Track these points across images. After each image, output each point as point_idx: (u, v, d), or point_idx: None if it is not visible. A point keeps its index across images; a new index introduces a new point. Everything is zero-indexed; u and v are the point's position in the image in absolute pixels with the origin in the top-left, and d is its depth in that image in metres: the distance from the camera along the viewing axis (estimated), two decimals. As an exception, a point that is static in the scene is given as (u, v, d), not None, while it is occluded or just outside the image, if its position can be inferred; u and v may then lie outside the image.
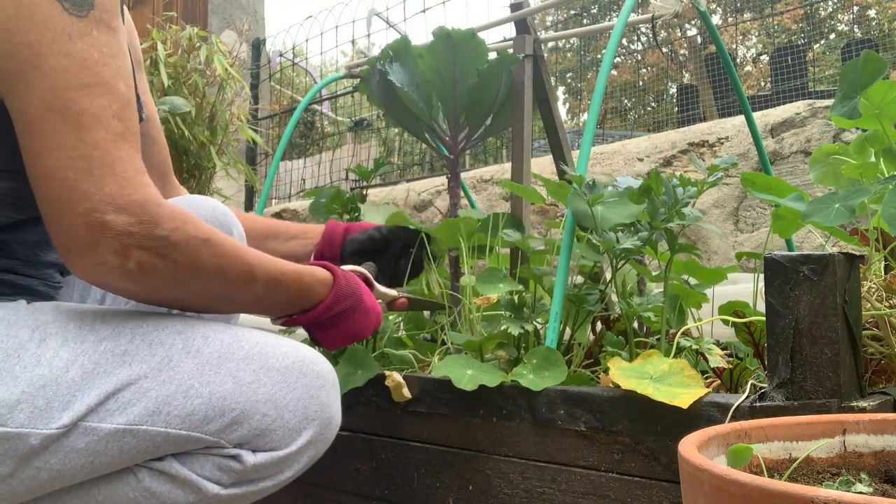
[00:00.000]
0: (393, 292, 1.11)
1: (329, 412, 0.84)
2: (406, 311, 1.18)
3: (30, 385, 0.73)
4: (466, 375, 0.97)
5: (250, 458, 0.78)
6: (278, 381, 0.80)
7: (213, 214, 1.03)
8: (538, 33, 1.48)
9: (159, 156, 1.19)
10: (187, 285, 0.77)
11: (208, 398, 0.76)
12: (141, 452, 0.75)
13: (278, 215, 3.91)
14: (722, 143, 2.69)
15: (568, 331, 1.11)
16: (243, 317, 1.18)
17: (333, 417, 0.85)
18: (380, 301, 1.07)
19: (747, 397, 0.79)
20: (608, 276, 1.18)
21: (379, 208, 1.43)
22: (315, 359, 0.85)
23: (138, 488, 0.77)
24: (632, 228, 1.05)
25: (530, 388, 0.92)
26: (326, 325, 0.93)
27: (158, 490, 0.77)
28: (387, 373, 1.06)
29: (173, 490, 0.77)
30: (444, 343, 1.21)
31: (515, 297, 1.07)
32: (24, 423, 0.72)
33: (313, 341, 0.97)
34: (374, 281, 1.07)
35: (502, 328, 1.04)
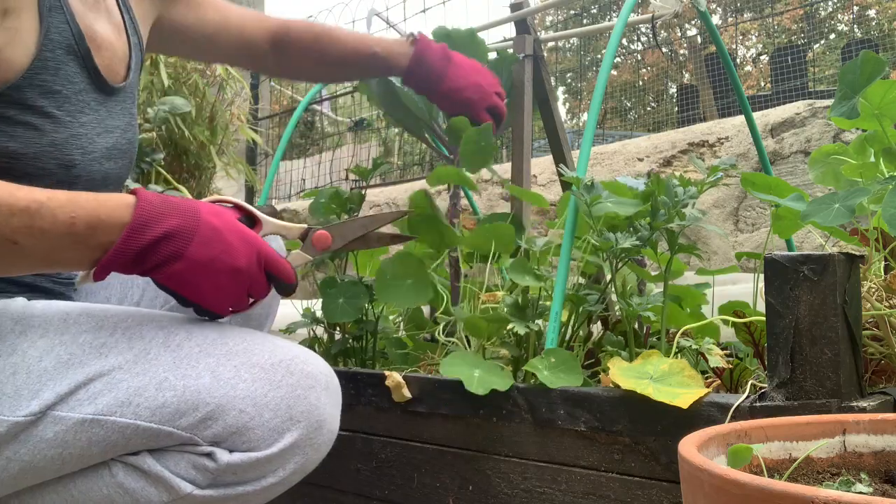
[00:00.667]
0: (297, 226, 0.88)
1: (318, 415, 0.79)
2: (336, 250, 0.91)
3: (1, 373, 0.73)
4: (475, 378, 0.94)
5: (225, 456, 0.74)
6: (260, 377, 0.76)
7: None
8: (538, 33, 1.48)
9: (227, 35, 1.16)
10: None
11: (182, 391, 0.73)
12: (111, 445, 0.74)
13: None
14: (722, 143, 2.69)
15: (569, 330, 1.11)
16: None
17: (324, 421, 0.80)
18: (280, 238, 0.89)
19: (747, 397, 0.79)
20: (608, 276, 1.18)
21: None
22: (308, 359, 0.81)
23: (112, 483, 0.75)
24: (631, 229, 1.05)
25: (545, 385, 0.91)
26: (159, 260, 0.73)
27: (132, 486, 0.75)
28: (387, 373, 1.06)
29: (146, 487, 0.75)
30: (444, 344, 1.21)
31: (519, 298, 1.07)
32: None
33: (183, 303, 0.79)
34: (258, 213, 0.86)
35: (508, 327, 1.04)
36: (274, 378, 0.77)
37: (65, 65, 0.85)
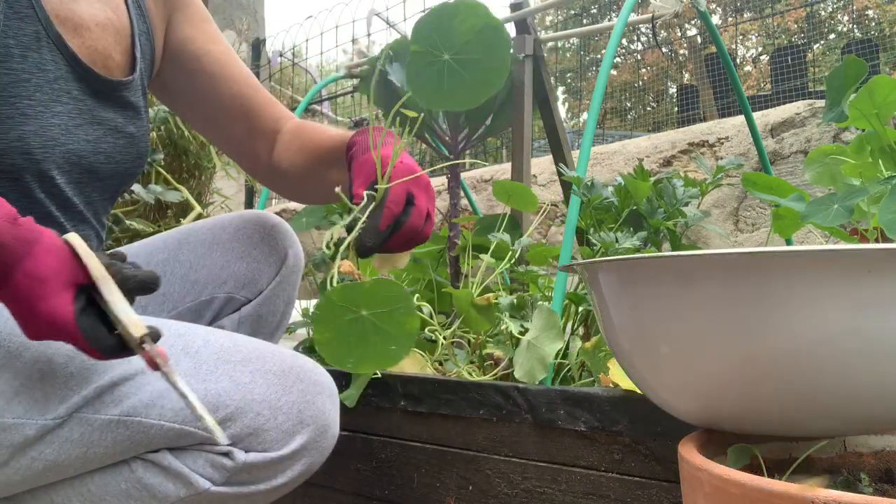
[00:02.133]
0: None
1: (325, 419, 0.83)
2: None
3: (28, 379, 0.74)
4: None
5: (241, 456, 0.77)
6: (274, 383, 0.80)
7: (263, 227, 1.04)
8: (538, 33, 1.48)
9: (230, 91, 1.06)
10: None
11: (203, 394, 0.76)
12: (134, 444, 0.75)
13: (278, 216, 3.91)
14: (722, 143, 2.69)
15: (569, 330, 1.11)
16: None
17: (329, 426, 0.84)
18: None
19: (747, 397, 0.79)
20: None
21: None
22: (314, 368, 0.85)
23: (131, 479, 0.77)
24: (632, 228, 1.05)
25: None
26: None
27: (150, 482, 0.77)
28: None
29: (164, 483, 0.77)
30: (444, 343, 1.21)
31: (514, 298, 1.07)
32: (21, 415, 0.73)
33: None
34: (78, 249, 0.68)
35: (502, 327, 1.04)
36: (286, 384, 0.80)
37: (34, 52, 0.82)
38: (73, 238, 0.68)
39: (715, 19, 10.28)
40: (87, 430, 0.74)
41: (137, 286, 0.69)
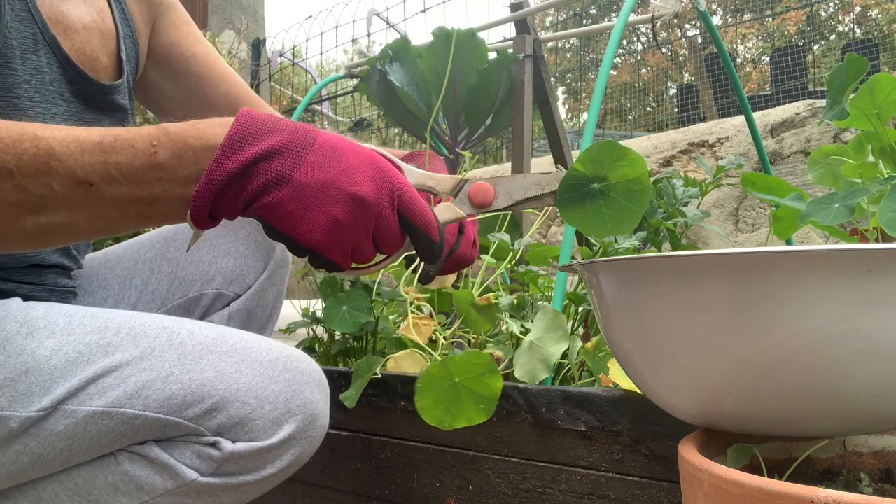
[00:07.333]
0: (450, 176, 0.69)
1: (313, 409, 0.83)
2: (499, 210, 0.71)
3: (12, 371, 0.74)
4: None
5: (229, 446, 0.77)
6: (260, 372, 0.80)
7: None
8: (538, 33, 1.48)
9: (217, 91, 1.09)
10: None
11: (188, 384, 0.76)
12: (120, 436, 0.75)
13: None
14: (722, 143, 2.69)
15: (568, 329, 1.11)
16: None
17: (318, 415, 0.83)
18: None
19: (747, 397, 0.79)
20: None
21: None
22: (301, 357, 0.85)
23: (117, 472, 0.77)
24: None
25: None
26: (260, 186, 0.59)
27: (137, 474, 0.77)
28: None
29: (151, 475, 0.77)
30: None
31: (515, 298, 1.07)
32: (4, 407, 0.73)
33: (294, 249, 0.63)
34: (397, 160, 0.69)
35: (502, 327, 1.04)
36: (272, 373, 0.80)
37: (32, 54, 0.83)
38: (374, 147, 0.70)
39: (715, 20, 10.28)
40: (71, 422, 0.74)
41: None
